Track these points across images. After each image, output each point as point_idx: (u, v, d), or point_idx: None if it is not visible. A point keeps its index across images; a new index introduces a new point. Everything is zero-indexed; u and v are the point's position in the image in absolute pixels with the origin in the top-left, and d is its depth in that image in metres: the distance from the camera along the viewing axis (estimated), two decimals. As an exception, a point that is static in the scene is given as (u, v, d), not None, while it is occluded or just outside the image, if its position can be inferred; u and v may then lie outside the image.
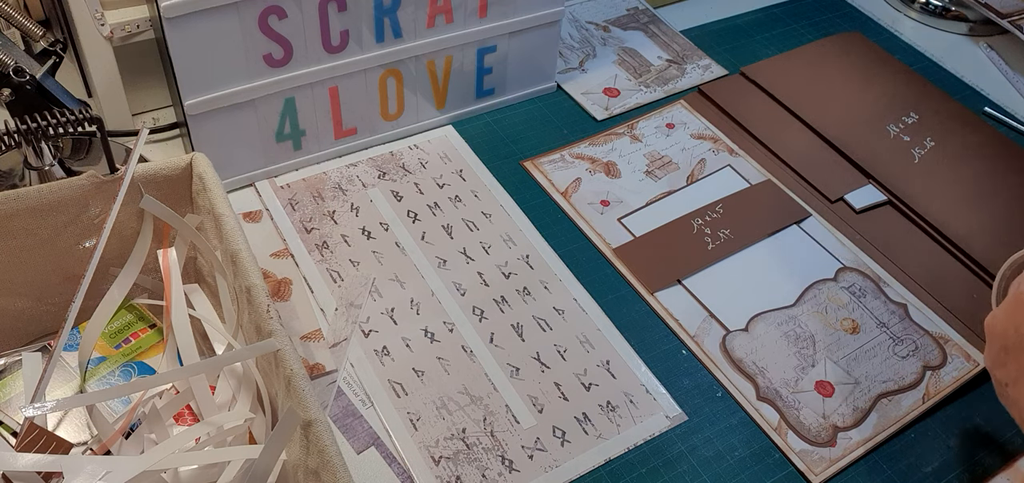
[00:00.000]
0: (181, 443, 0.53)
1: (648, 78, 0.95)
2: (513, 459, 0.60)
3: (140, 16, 0.75)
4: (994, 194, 0.83)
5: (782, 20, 1.06)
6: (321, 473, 0.47)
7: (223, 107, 0.73)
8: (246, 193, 0.78)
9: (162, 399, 0.58)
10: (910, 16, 1.08)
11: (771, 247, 0.77)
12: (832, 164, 0.85)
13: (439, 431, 0.62)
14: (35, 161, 0.67)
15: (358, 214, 0.77)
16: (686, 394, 0.66)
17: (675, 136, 0.88)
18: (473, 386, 0.65)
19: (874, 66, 0.97)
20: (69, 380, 0.59)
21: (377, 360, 0.66)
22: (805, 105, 0.91)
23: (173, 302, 0.60)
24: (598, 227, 0.78)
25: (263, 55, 0.72)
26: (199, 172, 0.61)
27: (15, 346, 0.61)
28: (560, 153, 0.85)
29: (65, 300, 0.59)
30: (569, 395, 0.65)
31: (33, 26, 0.73)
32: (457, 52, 0.82)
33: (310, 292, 0.70)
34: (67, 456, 0.50)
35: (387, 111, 0.82)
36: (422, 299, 0.70)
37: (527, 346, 0.68)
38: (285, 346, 0.52)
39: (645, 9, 1.04)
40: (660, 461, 0.62)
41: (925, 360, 0.69)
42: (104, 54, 0.75)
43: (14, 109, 0.68)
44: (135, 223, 0.61)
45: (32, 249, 0.59)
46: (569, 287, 0.72)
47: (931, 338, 0.70)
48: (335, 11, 0.73)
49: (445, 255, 0.74)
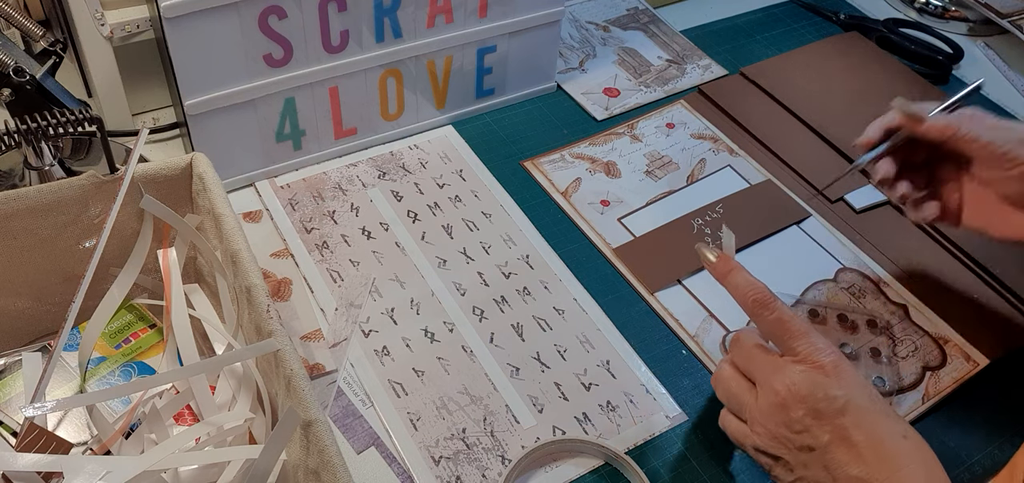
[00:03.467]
0: (181, 443, 0.53)
1: (648, 78, 0.95)
2: (513, 459, 0.60)
3: (140, 16, 0.75)
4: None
5: (782, 20, 1.06)
6: (321, 473, 0.47)
7: (223, 107, 0.73)
8: (246, 193, 0.78)
9: (162, 399, 0.58)
10: (910, 16, 1.08)
11: (771, 247, 0.77)
12: (832, 164, 0.85)
13: (439, 431, 0.62)
14: (35, 161, 0.67)
15: (358, 214, 0.77)
16: (686, 394, 0.66)
17: (675, 136, 0.88)
18: (473, 386, 0.65)
19: (874, 66, 0.97)
20: (69, 380, 0.59)
21: (377, 360, 0.66)
22: (805, 105, 0.91)
23: (173, 302, 0.60)
24: (598, 227, 0.78)
25: (263, 55, 0.72)
26: (199, 172, 0.61)
27: (15, 346, 0.61)
28: (560, 153, 0.85)
29: (65, 300, 0.59)
30: (569, 395, 0.65)
31: (33, 26, 0.73)
32: (457, 52, 0.82)
33: (310, 292, 0.70)
34: (67, 456, 0.50)
35: (387, 111, 0.82)
36: (422, 299, 0.70)
37: (527, 346, 0.68)
38: (285, 346, 0.52)
39: (645, 9, 1.05)
40: (660, 461, 0.62)
41: (925, 360, 0.69)
42: (104, 54, 0.75)
43: (14, 109, 0.68)
44: (135, 223, 0.61)
45: (32, 249, 0.59)
46: (569, 287, 0.72)
47: (931, 338, 0.70)
48: (335, 11, 0.73)
49: (445, 255, 0.74)
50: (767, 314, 0.55)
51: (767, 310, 0.55)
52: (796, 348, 0.54)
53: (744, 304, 0.56)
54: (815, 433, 0.52)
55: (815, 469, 0.53)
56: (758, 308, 0.56)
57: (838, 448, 0.51)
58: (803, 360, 0.53)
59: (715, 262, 0.59)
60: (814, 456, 0.52)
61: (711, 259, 0.59)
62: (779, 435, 0.53)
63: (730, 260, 0.58)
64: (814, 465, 0.53)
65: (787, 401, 0.53)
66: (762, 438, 0.55)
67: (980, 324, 0.71)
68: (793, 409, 0.53)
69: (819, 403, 0.52)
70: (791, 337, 0.54)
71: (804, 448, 0.53)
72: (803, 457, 0.53)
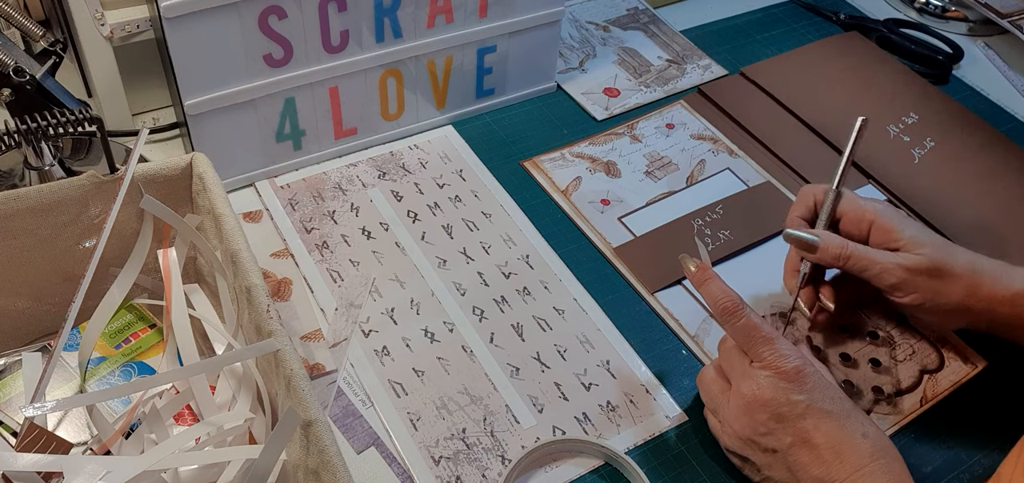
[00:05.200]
0: (181, 443, 0.53)
1: (648, 78, 0.95)
2: (513, 459, 0.60)
3: (140, 16, 0.75)
4: (994, 194, 0.83)
5: (782, 20, 1.06)
6: (321, 473, 0.47)
7: (223, 107, 0.73)
8: (246, 193, 0.78)
9: (162, 399, 0.58)
10: (910, 16, 1.08)
11: (771, 249, 0.77)
12: (832, 164, 0.85)
13: (439, 431, 0.62)
14: (35, 161, 0.67)
15: (358, 214, 0.77)
16: (686, 394, 0.66)
17: (675, 136, 0.88)
18: (473, 386, 0.65)
19: (874, 66, 0.97)
20: (69, 380, 0.59)
21: (377, 360, 0.66)
22: (805, 105, 0.91)
23: (173, 302, 0.60)
24: (598, 226, 0.78)
25: (263, 55, 0.72)
26: (199, 172, 0.61)
27: (15, 346, 0.61)
28: (560, 152, 0.85)
29: (65, 300, 0.59)
30: (569, 395, 0.65)
31: (33, 26, 0.73)
32: (457, 52, 0.82)
33: (310, 292, 0.70)
34: (67, 456, 0.50)
35: (387, 111, 0.82)
36: (422, 299, 0.70)
37: (527, 346, 0.68)
38: (285, 346, 0.52)
39: (645, 9, 1.05)
40: (660, 461, 0.62)
41: (922, 363, 0.69)
42: (104, 54, 0.76)
43: (14, 109, 0.68)
44: (135, 223, 0.61)
45: (32, 249, 0.59)
46: (569, 287, 0.72)
47: (928, 342, 0.70)
48: (335, 11, 0.73)
49: (445, 255, 0.74)
50: (735, 321, 0.58)
51: (735, 317, 0.58)
52: (762, 354, 0.57)
53: (715, 311, 0.59)
54: (778, 436, 0.55)
55: (779, 470, 0.56)
56: (726, 315, 0.58)
57: (800, 450, 0.55)
58: (767, 366, 0.56)
59: (694, 272, 0.61)
60: (778, 458, 0.56)
61: (691, 269, 0.61)
62: (746, 437, 0.57)
63: (707, 269, 0.61)
64: (778, 466, 0.56)
65: (752, 405, 0.56)
66: (731, 439, 0.59)
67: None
68: (757, 413, 0.56)
69: (781, 407, 0.55)
70: (757, 343, 0.57)
71: (768, 450, 0.56)
72: (768, 459, 0.56)
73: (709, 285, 0.60)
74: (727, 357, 0.60)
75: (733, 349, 0.59)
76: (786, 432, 0.55)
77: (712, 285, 0.60)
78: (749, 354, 0.58)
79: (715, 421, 0.61)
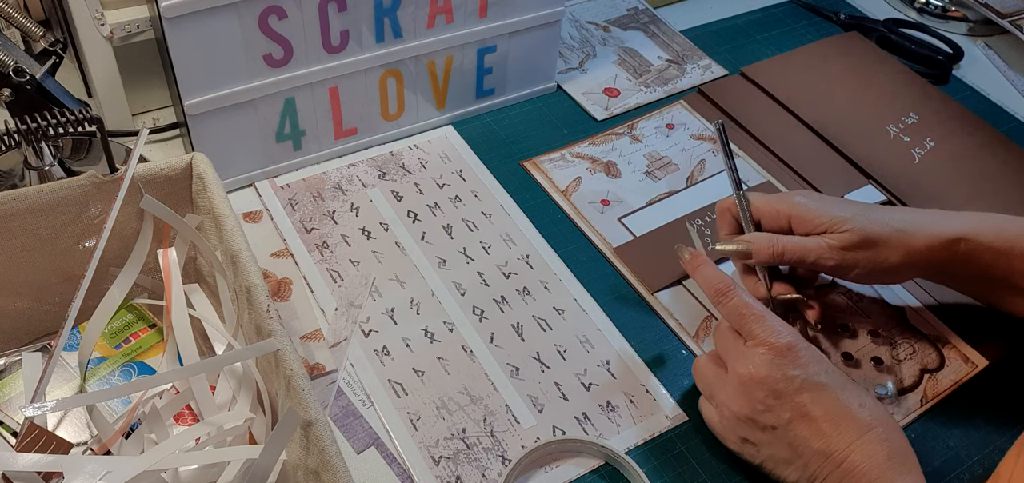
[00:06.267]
0: (181, 443, 0.53)
1: (648, 78, 0.95)
2: (513, 459, 0.60)
3: (140, 16, 0.75)
4: (994, 194, 0.83)
5: (782, 20, 1.06)
6: (321, 473, 0.47)
7: (223, 107, 0.73)
8: (246, 193, 0.78)
9: (162, 399, 0.58)
10: (910, 16, 1.08)
11: (771, 247, 0.77)
12: (832, 164, 0.85)
13: (439, 431, 0.62)
14: (35, 161, 0.67)
15: (358, 214, 0.77)
16: (686, 394, 0.66)
17: (675, 136, 0.88)
18: (473, 386, 0.65)
19: (874, 66, 0.97)
20: (69, 380, 0.59)
21: (377, 360, 0.66)
22: (805, 105, 0.91)
23: (173, 302, 0.60)
24: (598, 226, 0.78)
25: (263, 55, 0.72)
26: (199, 172, 0.61)
27: (15, 346, 0.61)
28: (560, 152, 0.85)
29: (65, 300, 0.59)
30: (569, 395, 0.65)
31: (33, 26, 0.73)
32: (457, 52, 0.82)
33: (310, 292, 0.70)
34: (67, 456, 0.50)
35: (387, 111, 0.82)
36: (422, 299, 0.70)
37: (527, 346, 0.68)
38: (285, 346, 0.52)
39: (645, 9, 1.05)
40: (660, 461, 0.62)
41: (923, 363, 0.69)
42: (104, 54, 0.76)
43: (14, 109, 0.68)
44: (135, 223, 0.61)
45: (32, 249, 0.59)
46: (569, 287, 0.72)
47: (928, 341, 0.70)
48: (335, 11, 0.73)
49: (445, 255, 0.74)
50: (726, 301, 0.59)
51: (726, 297, 0.59)
52: (754, 331, 0.57)
53: (709, 293, 0.60)
54: (777, 412, 0.56)
55: (780, 447, 0.56)
56: (719, 296, 0.60)
57: (799, 424, 0.55)
58: (760, 343, 0.57)
59: (689, 259, 0.63)
60: (778, 434, 0.56)
61: (685, 256, 0.63)
62: (744, 417, 0.57)
63: (700, 255, 0.62)
64: (778, 443, 0.56)
65: (749, 384, 0.56)
66: (730, 421, 0.59)
67: (979, 327, 0.71)
68: (755, 391, 0.56)
69: (778, 384, 0.56)
70: (749, 321, 0.58)
71: (768, 427, 0.56)
72: (768, 436, 0.57)
73: (702, 269, 0.61)
74: (722, 340, 0.60)
75: (727, 331, 0.60)
76: (784, 408, 0.55)
77: (705, 269, 0.61)
78: (742, 334, 0.58)
79: (711, 409, 0.61)
